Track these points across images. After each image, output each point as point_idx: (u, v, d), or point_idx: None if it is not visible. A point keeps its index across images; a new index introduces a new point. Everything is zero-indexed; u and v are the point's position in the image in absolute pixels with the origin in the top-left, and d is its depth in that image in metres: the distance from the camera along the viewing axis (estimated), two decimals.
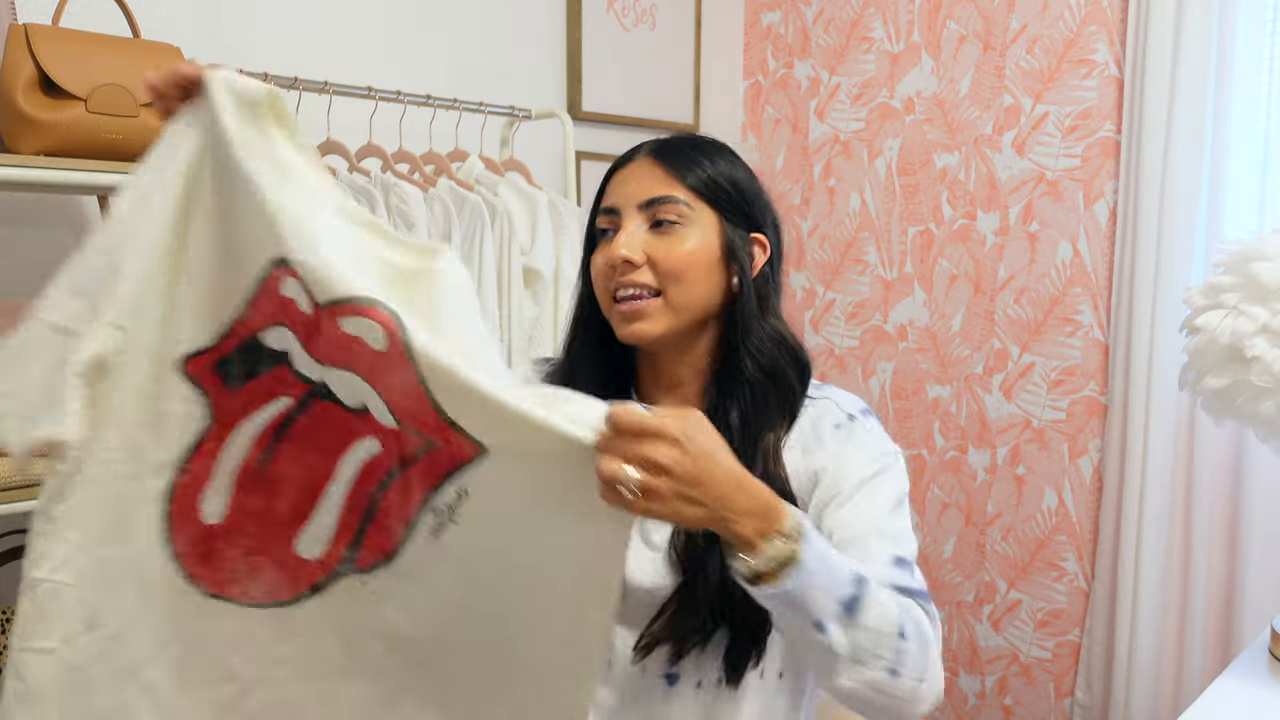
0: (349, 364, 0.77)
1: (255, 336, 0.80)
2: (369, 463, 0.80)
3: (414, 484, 0.78)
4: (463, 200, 1.68)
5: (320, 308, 0.76)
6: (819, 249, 2.59)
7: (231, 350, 0.81)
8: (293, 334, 0.79)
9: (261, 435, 0.81)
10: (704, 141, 1.06)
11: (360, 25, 1.91)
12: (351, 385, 0.78)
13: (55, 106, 1.17)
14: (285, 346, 0.80)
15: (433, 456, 0.77)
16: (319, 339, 0.78)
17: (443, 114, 1.84)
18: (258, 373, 0.81)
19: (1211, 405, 1.35)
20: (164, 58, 1.27)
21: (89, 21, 1.47)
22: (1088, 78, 2.11)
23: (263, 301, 0.79)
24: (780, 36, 2.63)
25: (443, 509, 0.78)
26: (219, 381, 0.81)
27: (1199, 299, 1.36)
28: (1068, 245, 2.16)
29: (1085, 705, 2.16)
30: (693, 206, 1.00)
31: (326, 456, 0.80)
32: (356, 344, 0.75)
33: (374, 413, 0.78)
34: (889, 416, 2.47)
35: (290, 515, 0.81)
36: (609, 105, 2.35)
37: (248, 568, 0.82)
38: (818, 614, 0.81)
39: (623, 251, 0.97)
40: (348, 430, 0.80)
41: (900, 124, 2.41)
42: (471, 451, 0.75)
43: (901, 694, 0.85)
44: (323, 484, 0.81)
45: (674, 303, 0.99)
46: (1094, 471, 2.15)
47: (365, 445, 0.79)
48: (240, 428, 0.81)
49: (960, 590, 2.36)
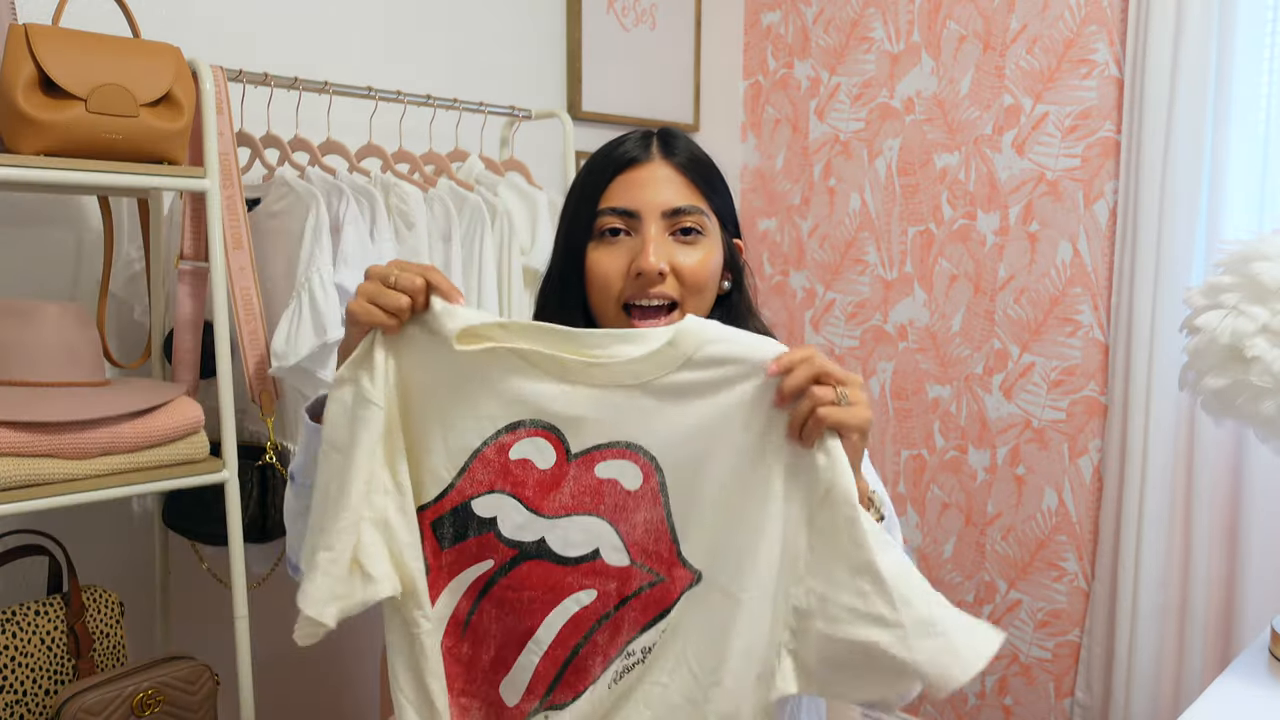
0: (593, 508, 0.86)
1: (468, 503, 0.88)
2: (578, 615, 0.87)
3: (625, 625, 0.86)
4: (463, 200, 1.67)
5: (570, 459, 0.86)
6: (819, 249, 2.59)
7: (447, 511, 0.89)
8: (513, 498, 0.88)
9: (468, 590, 0.89)
10: (694, 142, 1.07)
11: (360, 25, 1.91)
12: (587, 530, 0.87)
13: (55, 106, 1.17)
14: (494, 514, 0.88)
15: (654, 593, 0.85)
16: (558, 491, 0.87)
17: (443, 114, 1.84)
18: (466, 535, 0.89)
19: (1211, 405, 1.35)
20: (164, 58, 1.27)
21: (89, 21, 1.47)
22: (1088, 78, 2.11)
23: (478, 470, 0.88)
24: (780, 36, 2.63)
25: (637, 653, 0.85)
26: (434, 538, 0.89)
27: (1199, 299, 1.36)
28: (1068, 245, 2.16)
29: (1085, 705, 2.16)
30: (709, 216, 1.02)
31: (527, 616, 0.88)
32: (608, 485, 0.86)
33: (605, 554, 0.86)
34: (889, 416, 2.47)
35: (493, 664, 0.89)
36: (609, 105, 2.35)
37: (458, 709, 0.90)
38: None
39: (661, 265, 0.97)
40: (559, 586, 0.87)
41: (900, 124, 2.41)
42: (686, 581, 0.84)
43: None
44: (524, 640, 0.88)
45: (688, 312, 1.00)
46: (1094, 471, 2.15)
47: (577, 598, 0.87)
48: (451, 582, 0.89)
49: (960, 590, 2.36)
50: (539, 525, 0.87)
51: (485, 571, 0.89)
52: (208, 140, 1.33)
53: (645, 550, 0.86)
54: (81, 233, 1.58)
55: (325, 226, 1.46)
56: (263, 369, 1.47)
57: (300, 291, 1.43)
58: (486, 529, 0.88)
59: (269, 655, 1.80)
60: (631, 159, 1.02)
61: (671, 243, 1.00)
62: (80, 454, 1.23)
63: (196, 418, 1.35)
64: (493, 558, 0.88)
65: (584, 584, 0.87)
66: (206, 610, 1.70)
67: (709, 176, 1.04)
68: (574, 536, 0.86)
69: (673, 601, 0.85)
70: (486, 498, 0.88)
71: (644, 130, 1.06)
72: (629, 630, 0.86)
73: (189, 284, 1.45)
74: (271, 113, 1.60)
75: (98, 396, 1.26)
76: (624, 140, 1.04)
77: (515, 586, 0.88)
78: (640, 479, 0.85)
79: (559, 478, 0.87)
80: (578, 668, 0.87)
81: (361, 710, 2.00)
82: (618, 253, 1.00)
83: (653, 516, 0.85)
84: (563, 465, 0.86)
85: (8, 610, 1.33)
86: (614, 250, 1.00)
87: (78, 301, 1.53)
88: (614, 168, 1.02)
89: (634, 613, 0.86)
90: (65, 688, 1.30)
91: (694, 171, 1.02)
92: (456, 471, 0.88)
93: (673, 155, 1.02)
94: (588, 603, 0.87)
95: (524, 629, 0.88)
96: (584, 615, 0.87)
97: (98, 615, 1.41)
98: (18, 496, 1.17)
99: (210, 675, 1.39)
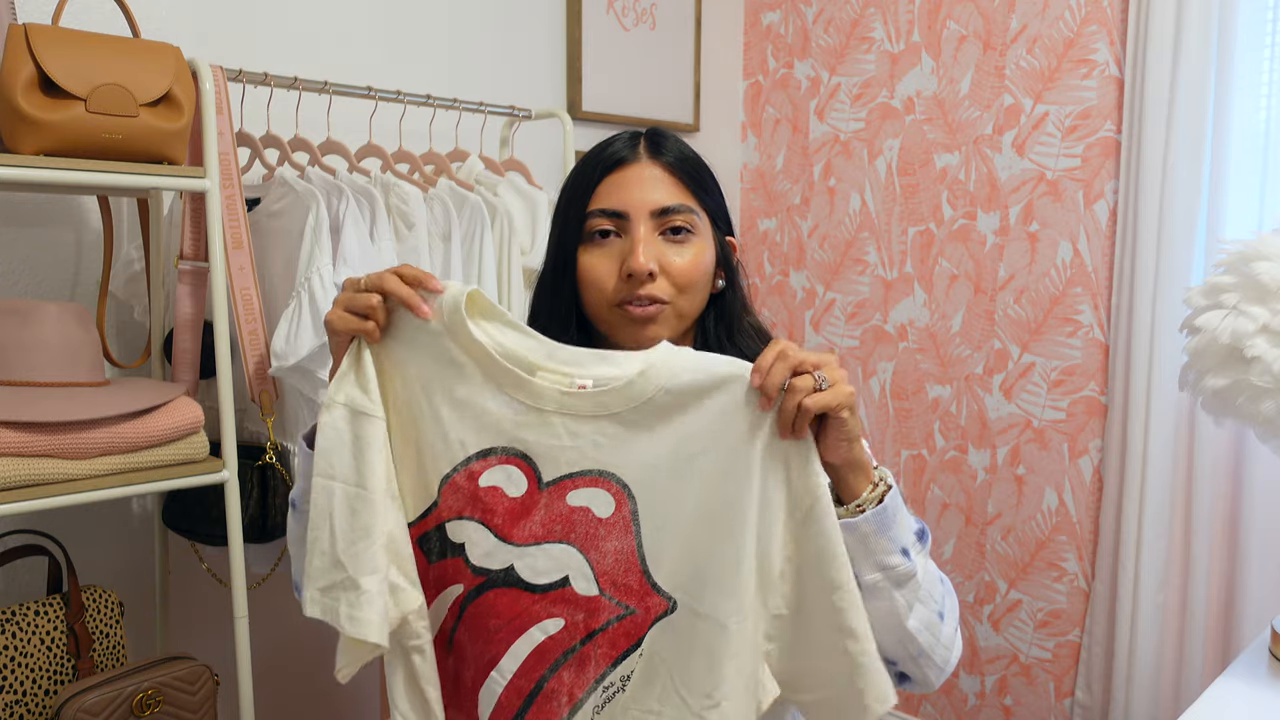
0: (564, 536, 0.86)
1: (443, 525, 0.88)
2: (543, 644, 0.86)
3: (590, 661, 0.86)
4: (463, 200, 1.67)
5: (542, 488, 0.86)
6: (819, 249, 2.59)
7: (431, 529, 0.89)
8: (482, 525, 0.87)
9: (450, 607, 0.89)
10: (683, 141, 1.06)
11: (360, 25, 1.91)
12: (556, 558, 0.86)
13: (55, 106, 1.17)
14: (463, 539, 0.88)
15: (622, 627, 0.85)
16: (529, 520, 0.86)
17: (443, 114, 1.84)
18: (445, 555, 0.89)
19: (1211, 405, 1.35)
20: (164, 58, 1.27)
21: (89, 21, 1.47)
22: (1088, 78, 2.11)
23: (449, 494, 0.87)
24: (780, 36, 2.63)
25: (615, 683, 0.85)
26: (421, 553, 0.89)
27: (1199, 299, 1.36)
28: (1068, 245, 2.16)
29: (1085, 705, 2.16)
30: (699, 215, 1.02)
31: (492, 644, 0.87)
32: (580, 513, 0.85)
33: (574, 582, 0.86)
34: (889, 416, 2.47)
35: (472, 683, 0.89)
36: (609, 105, 2.35)
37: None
38: (903, 539, 0.86)
39: (651, 265, 0.97)
40: (525, 614, 0.87)
41: (900, 124, 2.41)
42: (659, 610, 0.84)
43: (945, 640, 0.91)
44: (489, 669, 0.88)
45: (680, 310, 1.00)
46: (1094, 471, 2.15)
47: (544, 626, 0.86)
48: (438, 597, 0.89)
49: (960, 590, 2.36)
50: (508, 553, 0.87)
51: (459, 595, 0.89)
52: (208, 140, 1.33)
53: (615, 582, 0.85)
54: (81, 233, 1.58)
55: (325, 226, 1.46)
56: (263, 369, 1.47)
57: (300, 291, 1.43)
58: (457, 554, 0.88)
59: (269, 655, 1.80)
60: (619, 159, 1.01)
61: (661, 242, 0.99)
62: (80, 454, 1.23)
63: (196, 418, 1.35)
64: (462, 583, 0.88)
65: (551, 612, 0.86)
66: (206, 610, 1.70)
67: (698, 175, 1.03)
68: (542, 564, 0.86)
69: (643, 634, 0.84)
70: (456, 523, 0.88)
71: (632, 130, 1.05)
72: (597, 666, 0.85)
73: (189, 284, 1.45)
74: (271, 113, 1.60)
75: (98, 396, 1.26)
76: (612, 141, 1.03)
77: (481, 614, 0.87)
78: (612, 506, 0.84)
79: (530, 506, 0.86)
80: (541, 705, 0.86)
81: (361, 710, 2.00)
82: (608, 254, 0.99)
83: (623, 545, 0.85)
84: (534, 493, 0.86)
85: (8, 610, 1.33)
86: (604, 252, 0.99)
87: (77, 301, 1.53)
88: (602, 169, 1.01)
89: (601, 649, 0.85)
90: (65, 688, 1.30)
91: (683, 170, 1.02)
92: (436, 491, 0.88)
93: (661, 155, 1.02)
94: (554, 631, 0.86)
95: (489, 657, 0.87)
96: (549, 645, 0.86)
97: (97, 615, 1.41)
98: (18, 496, 1.17)
99: (210, 675, 1.39)
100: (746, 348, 1.04)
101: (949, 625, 0.91)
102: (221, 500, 1.38)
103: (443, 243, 1.64)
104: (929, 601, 0.89)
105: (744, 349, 1.04)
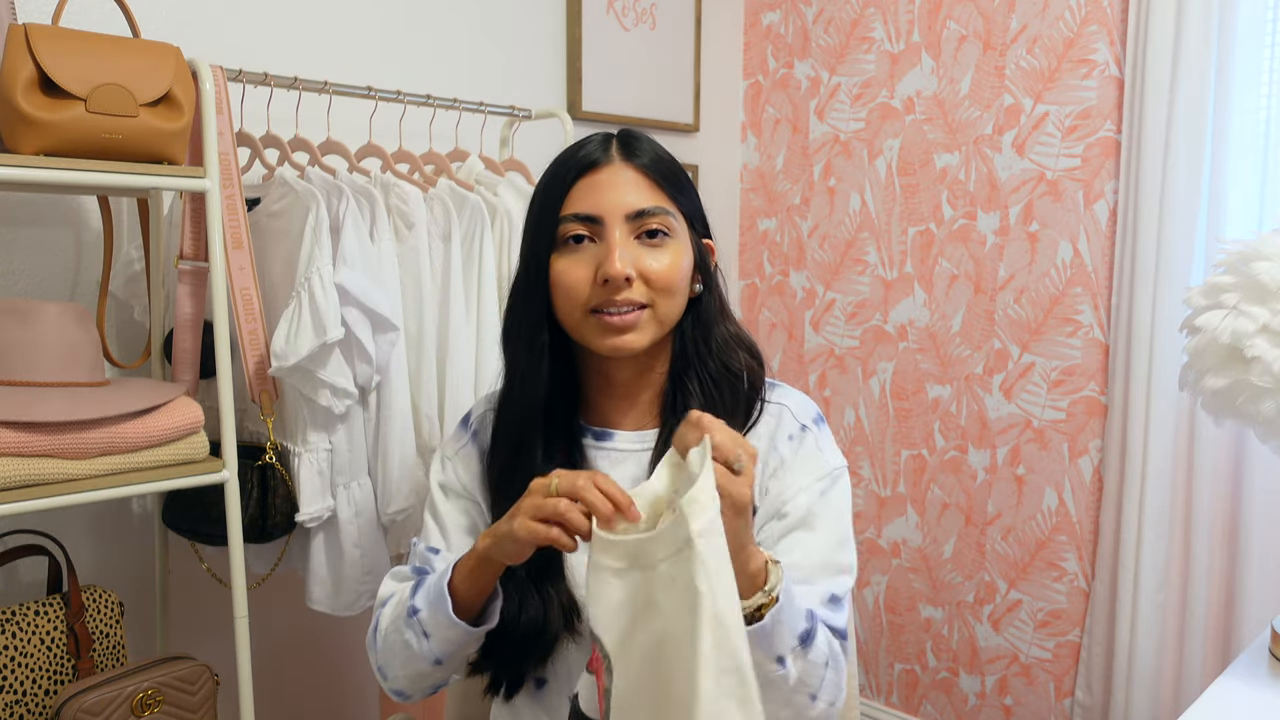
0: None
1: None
2: None
3: None
4: (463, 200, 1.67)
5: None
6: (819, 249, 2.59)
7: None
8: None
9: None
10: (656, 142, 1.04)
11: (360, 25, 1.91)
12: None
13: (55, 106, 1.17)
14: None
15: None
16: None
17: (443, 114, 1.84)
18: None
19: (1211, 405, 1.35)
20: (164, 58, 1.27)
21: (89, 21, 1.47)
22: (1088, 78, 2.11)
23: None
24: (780, 36, 2.63)
25: None
26: None
27: (1199, 299, 1.35)
28: (1068, 245, 2.16)
29: (1085, 705, 2.16)
30: (676, 218, 1.00)
31: None
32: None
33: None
34: (889, 416, 2.47)
35: None
36: (609, 105, 2.35)
37: None
38: (781, 649, 0.84)
39: (628, 270, 0.94)
40: None
41: (900, 124, 2.41)
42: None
43: (814, 716, 0.90)
44: None
45: (660, 315, 0.98)
46: (1094, 471, 2.15)
47: None
48: None
49: (960, 590, 2.36)
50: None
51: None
52: (208, 140, 1.33)
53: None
54: (81, 233, 1.58)
55: (325, 226, 1.46)
56: (263, 369, 1.47)
57: (300, 291, 1.43)
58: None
59: (269, 655, 1.80)
60: (592, 162, 0.98)
61: (638, 246, 0.96)
62: (80, 454, 1.23)
63: (196, 418, 1.35)
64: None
65: None
66: (206, 610, 1.70)
67: (673, 176, 1.00)
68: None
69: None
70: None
71: (604, 133, 1.02)
72: None
73: (189, 284, 1.45)
74: (271, 112, 1.60)
75: (97, 396, 1.26)
76: (584, 144, 1.00)
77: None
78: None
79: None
80: None
81: (361, 710, 2.00)
82: (583, 260, 0.96)
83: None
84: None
85: (7, 610, 1.33)
86: (579, 258, 0.97)
87: (77, 302, 1.53)
88: (575, 172, 0.98)
89: None
90: (65, 688, 1.30)
91: (657, 172, 0.99)
92: None
93: (634, 156, 0.99)
94: None
95: None
96: None
97: (97, 615, 1.41)
98: (18, 496, 1.17)
99: (210, 675, 1.39)
100: (728, 360, 1.02)
101: (822, 702, 0.90)
102: (221, 500, 1.38)
103: (443, 243, 1.64)
104: (800, 690, 0.87)
105: (725, 362, 1.02)
